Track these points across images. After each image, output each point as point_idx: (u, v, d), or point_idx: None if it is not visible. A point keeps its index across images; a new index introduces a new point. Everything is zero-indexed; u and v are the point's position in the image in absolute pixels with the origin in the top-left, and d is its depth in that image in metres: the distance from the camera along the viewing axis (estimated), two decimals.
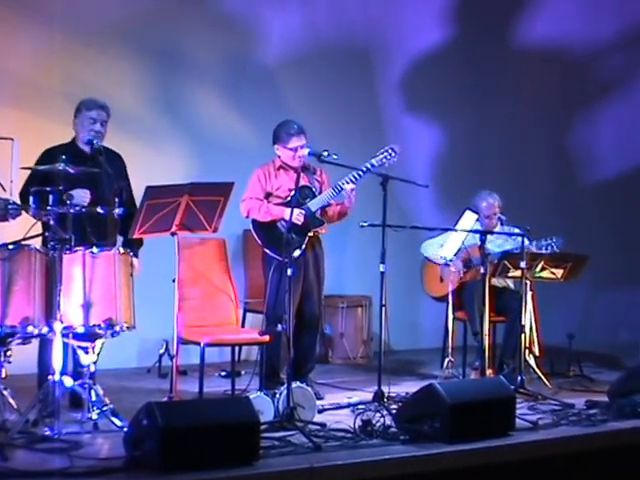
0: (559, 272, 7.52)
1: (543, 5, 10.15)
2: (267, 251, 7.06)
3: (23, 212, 5.99)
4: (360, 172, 6.92)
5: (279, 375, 6.97)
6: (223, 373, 7.74)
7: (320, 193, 7.10)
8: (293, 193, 6.93)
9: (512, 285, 7.93)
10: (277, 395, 6.01)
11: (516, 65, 10.13)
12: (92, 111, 6.47)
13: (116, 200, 6.08)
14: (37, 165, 6.20)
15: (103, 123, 6.49)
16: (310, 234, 7.03)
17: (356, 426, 5.76)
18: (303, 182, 7.06)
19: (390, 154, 6.94)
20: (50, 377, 5.62)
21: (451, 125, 9.77)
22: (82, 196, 6.16)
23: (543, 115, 10.26)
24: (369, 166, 6.91)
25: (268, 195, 7.12)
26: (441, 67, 9.69)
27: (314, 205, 7.04)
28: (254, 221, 7.12)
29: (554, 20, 10.11)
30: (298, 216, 6.89)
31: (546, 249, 7.49)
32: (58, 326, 5.59)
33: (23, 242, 5.72)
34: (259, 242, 7.12)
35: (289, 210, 6.71)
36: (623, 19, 10.32)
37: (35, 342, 6.05)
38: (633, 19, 10.32)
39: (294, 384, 6.06)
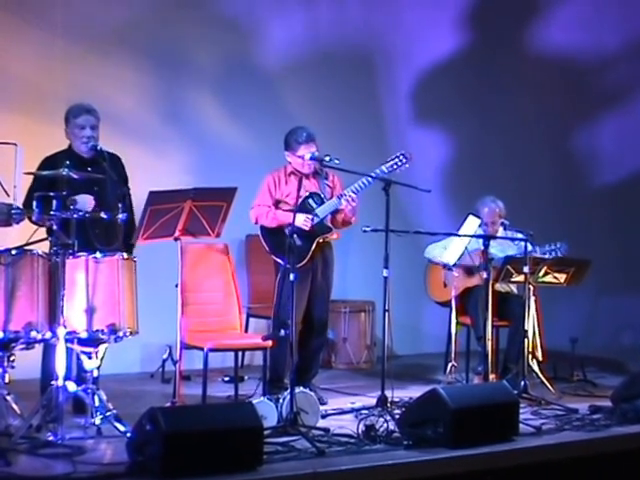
0: (562, 277, 7.52)
1: (549, 16, 10.14)
2: (274, 258, 7.05)
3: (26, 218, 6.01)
4: (369, 178, 6.91)
5: (283, 380, 6.97)
6: (226, 378, 7.73)
7: (330, 199, 7.09)
8: (301, 200, 6.93)
9: (515, 290, 7.92)
10: (280, 400, 6.01)
11: (520, 73, 10.13)
12: (79, 118, 6.42)
13: (119, 205, 6.08)
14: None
15: (93, 127, 6.43)
16: (320, 240, 7.02)
17: (359, 431, 5.77)
18: (313, 188, 7.06)
19: (401, 160, 6.92)
20: (53, 382, 5.62)
21: (454, 131, 9.77)
22: (86, 202, 6.15)
23: (547, 122, 10.26)
24: (379, 172, 6.90)
25: (278, 202, 7.11)
26: (444, 73, 9.69)
27: (322, 211, 7.03)
28: (262, 227, 7.12)
29: (560, 30, 10.13)
30: (305, 222, 6.89)
31: (550, 254, 7.49)
32: (61, 331, 5.59)
33: (26, 247, 5.72)
34: (266, 248, 7.11)
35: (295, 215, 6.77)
36: (627, 31, 10.33)
37: (38, 347, 6.03)
38: (637, 31, 10.32)
39: (297, 389, 6.05)
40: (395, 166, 6.92)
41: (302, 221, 6.81)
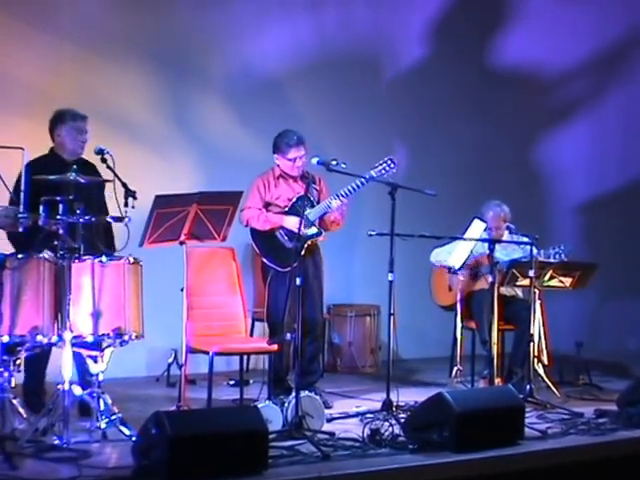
0: (568, 281, 7.52)
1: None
2: (265, 260, 7.08)
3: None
4: (359, 183, 6.92)
5: (284, 381, 6.99)
6: (231, 382, 7.74)
7: (318, 202, 7.11)
8: (295, 200, 6.99)
9: (521, 294, 7.92)
10: (286, 404, 6.01)
11: (522, 72, 10.11)
12: (79, 122, 6.48)
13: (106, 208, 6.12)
14: (30, 179, 6.08)
15: (87, 132, 6.52)
16: (308, 242, 7.03)
17: (365, 435, 5.77)
18: (302, 191, 7.07)
19: (389, 165, 6.94)
20: (59, 386, 5.63)
21: (459, 133, 9.76)
22: None
23: (550, 125, 10.25)
24: (367, 177, 6.92)
25: (267, 205, 7.14)
26: (449, 75, 9.67)
27: (313, 215, 7.05)
28: (253, 230, 7.15)
29: (559, 32, 10.13)
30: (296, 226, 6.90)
31: (554, 257, 7.49)
32: (67, 335, 5.60)
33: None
34: (257, 251, 7.17)
35: (287, 217, 6.89)
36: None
37: None
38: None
39: (302, 393, 6.06)
40: (383, 171, 6.94)
41: (300, 227, 6.82)
